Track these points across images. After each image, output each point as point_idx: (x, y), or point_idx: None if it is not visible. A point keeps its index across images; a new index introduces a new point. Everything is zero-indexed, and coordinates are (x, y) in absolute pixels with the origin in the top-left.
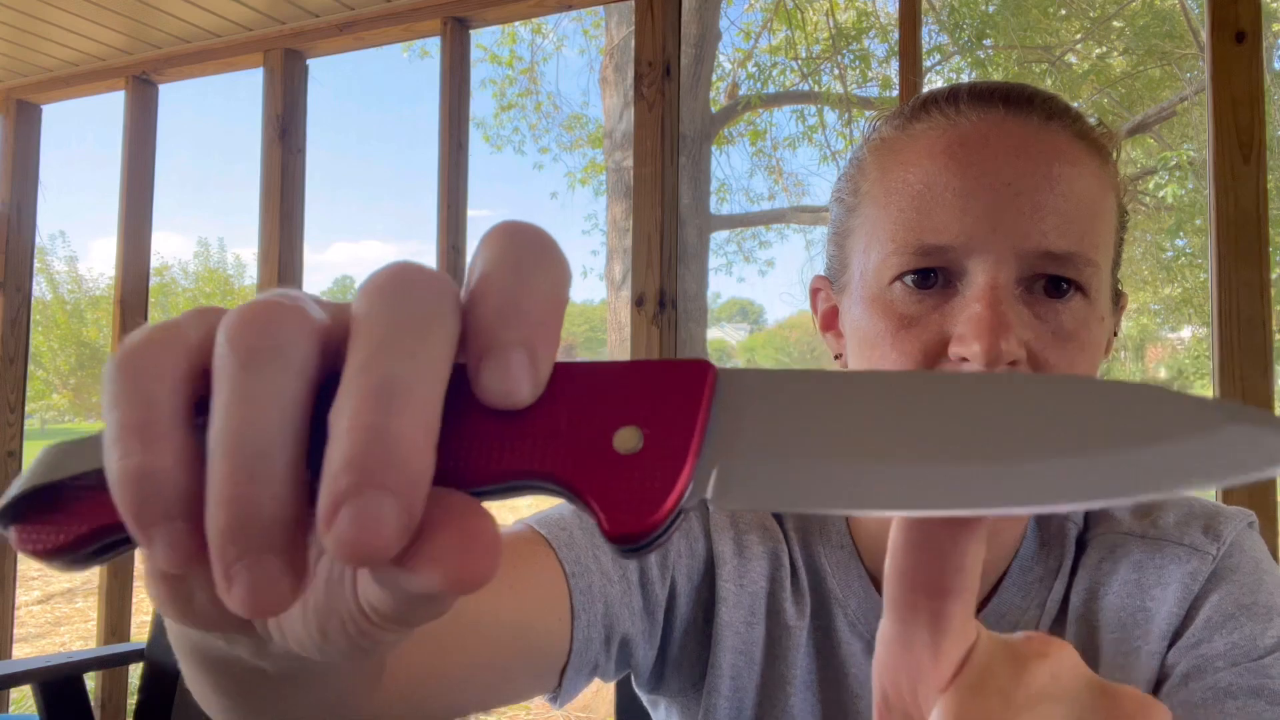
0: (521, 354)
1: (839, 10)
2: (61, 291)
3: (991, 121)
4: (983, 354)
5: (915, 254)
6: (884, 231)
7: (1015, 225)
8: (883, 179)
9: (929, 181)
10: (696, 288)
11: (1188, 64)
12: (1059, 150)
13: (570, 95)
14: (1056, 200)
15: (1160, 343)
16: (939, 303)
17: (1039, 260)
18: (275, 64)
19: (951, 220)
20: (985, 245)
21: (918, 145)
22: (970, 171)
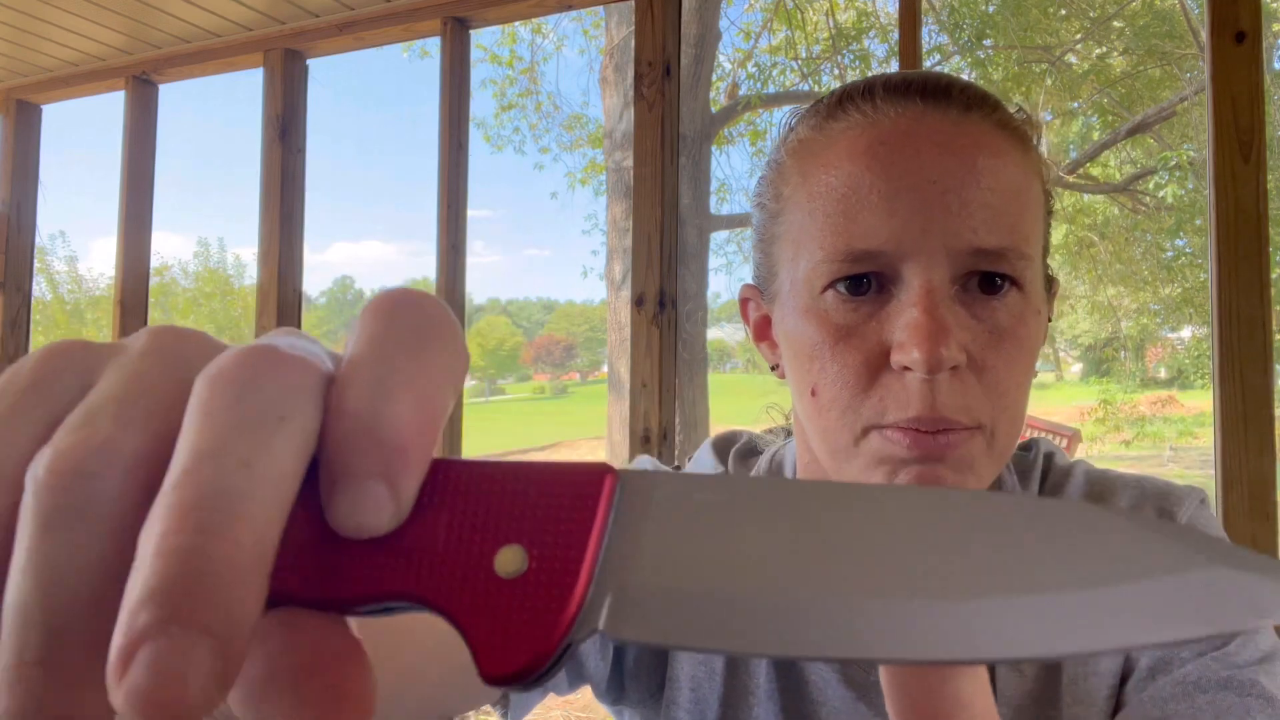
0: (379, 486)
1: (839, 10)
2: (61, 291)
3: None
4: (923, 362)
5: (845, 260)
6: (811, 238)
7: (945, 224)
8: (804, 183)
9: (852, 184)
10: (696, 288)
11: (1188, 64)
12: (981, 143)
13: (570, 95)
14: (984, 194)
15: (1160, 343)
16: (874, 310)
17: (971, 258)
18: (275, 64)
19: (879, 224)
20: (917, 247)
21: (837, 146)
22: (894, 171)
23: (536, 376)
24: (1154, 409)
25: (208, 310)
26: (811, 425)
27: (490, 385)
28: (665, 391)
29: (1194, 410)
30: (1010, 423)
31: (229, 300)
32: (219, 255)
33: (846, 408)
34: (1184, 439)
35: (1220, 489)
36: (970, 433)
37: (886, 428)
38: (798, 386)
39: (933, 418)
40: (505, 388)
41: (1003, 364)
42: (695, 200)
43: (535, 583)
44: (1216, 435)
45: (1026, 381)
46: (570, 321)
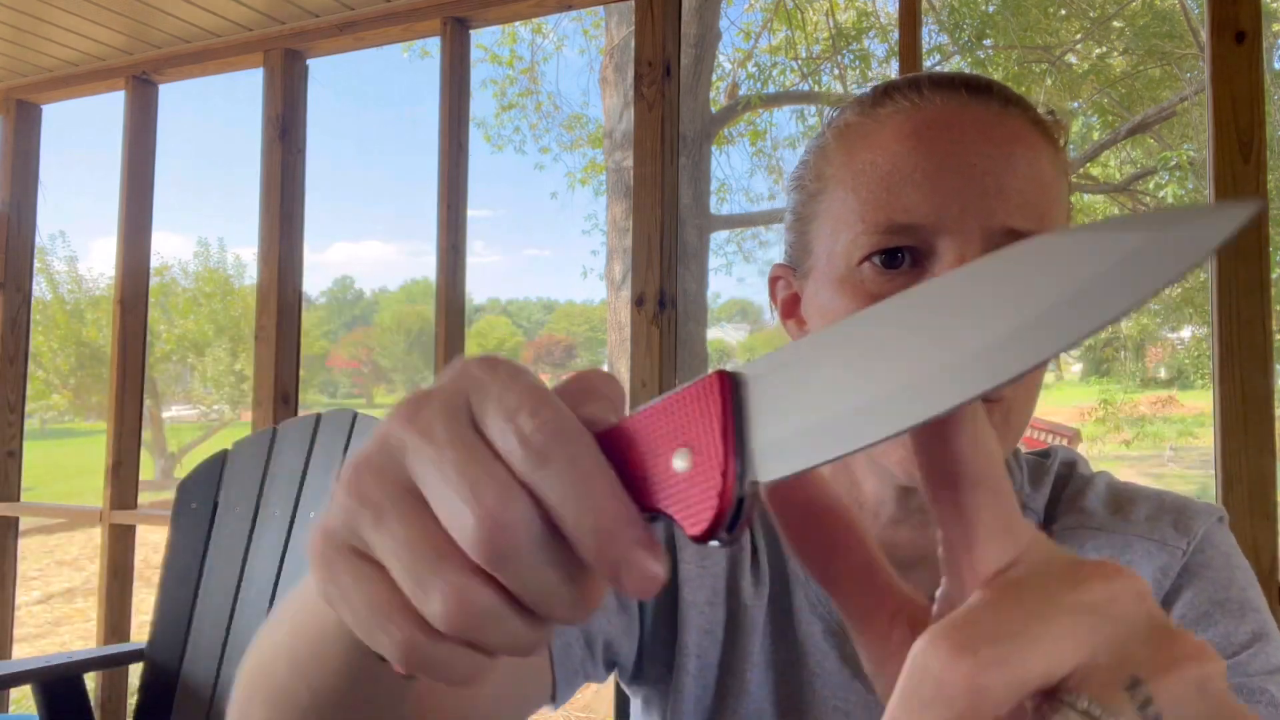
0: (629, 570)
1: (839, 10)
2: (61, 291)
3: (955, 105)
4: None
5: (885, 233)
6: (852, 213)
7: (982, 204)
8: (849, 162)
9: (897, 163)
10: (696, 288)
11: (1188, 64)
12: (1019, 134)
13: (570, 95)
14: (1018, 181)
15: (1160, 343)
16: (908, 282)
17: (1003, 238)
18: (275, 64)
19: (921, 199)
20: (954, 224)
21: (884, 129)
22: (937, 152)
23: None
24: (1154, 409)
25: (208, 310)
26: None
27: None
28: (665, 391)
29: (1194, 410)
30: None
31: (229, 300)
32: (219, 255)
33: None
34: (1184, 439)
35: (1220, 489)
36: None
37: None
38: None
39: None
40: None
41: None
42: (695, 200)
43: (701, 468)
44: (1216, 435)
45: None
46: (570, 321)
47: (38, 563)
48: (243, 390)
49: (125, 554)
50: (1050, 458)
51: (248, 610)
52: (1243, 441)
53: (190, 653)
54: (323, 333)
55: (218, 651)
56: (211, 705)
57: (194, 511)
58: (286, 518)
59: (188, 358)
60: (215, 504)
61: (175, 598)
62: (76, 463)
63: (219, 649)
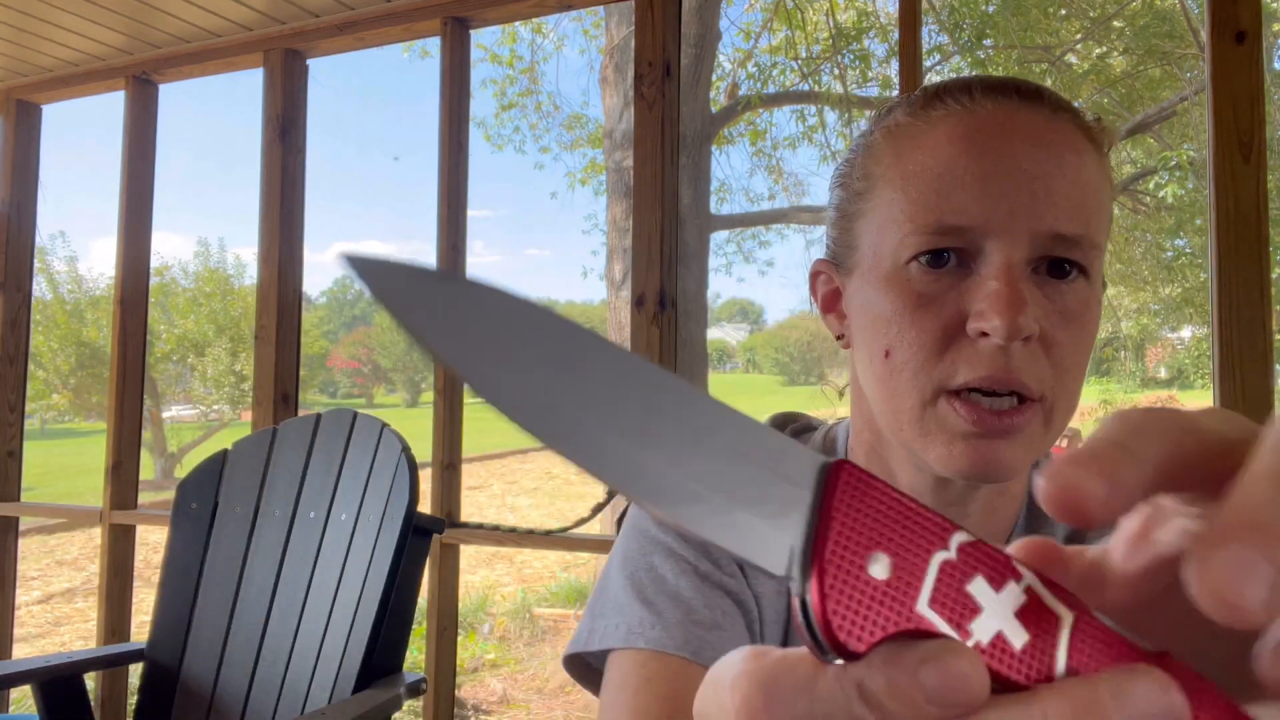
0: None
1: (839, 10)
2: (61, 291)
3: (1007, 111)
4: (1003, 328)
5: (934, 234)
6: (901, 213)
7: (1030, 208)
8: (898, 163)
9: (948, 165)
10: (696, 288)
11: (1188, 64)
12: (1069, 140)
13: (570, 95)
14: (1067, 186)
15: (1160, 343)
16: (955, 282)
17: (1050, 242)
18: (275, 64)
19: (971, 202)
20: (1003, 227)
21: (936, 131)
22: (989, 157)
23: None
24: None
25: (208, 310)
26: (881, 388)
27: None
28: None
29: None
30: (1068, 401)
31: (229, 300)
32: (219, 255)
33: (920, 369)
34: None
35: None
36: (1032, 408)
37: (956, 392)
38: (870, 350)
39: (1004, 378)
40: None
41: (1070, 342)
42: (695, 200)
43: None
44: None
45: (1085, 364)
46: None
47: (38, 563)
48: (243, 390)
49: (125, 554)
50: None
51: (248, 610)
52: None
53: (190, 653)
54: (323, 333)
55: (218, 651)
56: (211, 705)
57: (194, 511)
58: (286, 518)
59: (188, 358)
60: (215, 504)
61: (175, 598)
62: (76, 463)
63: (219, 649)
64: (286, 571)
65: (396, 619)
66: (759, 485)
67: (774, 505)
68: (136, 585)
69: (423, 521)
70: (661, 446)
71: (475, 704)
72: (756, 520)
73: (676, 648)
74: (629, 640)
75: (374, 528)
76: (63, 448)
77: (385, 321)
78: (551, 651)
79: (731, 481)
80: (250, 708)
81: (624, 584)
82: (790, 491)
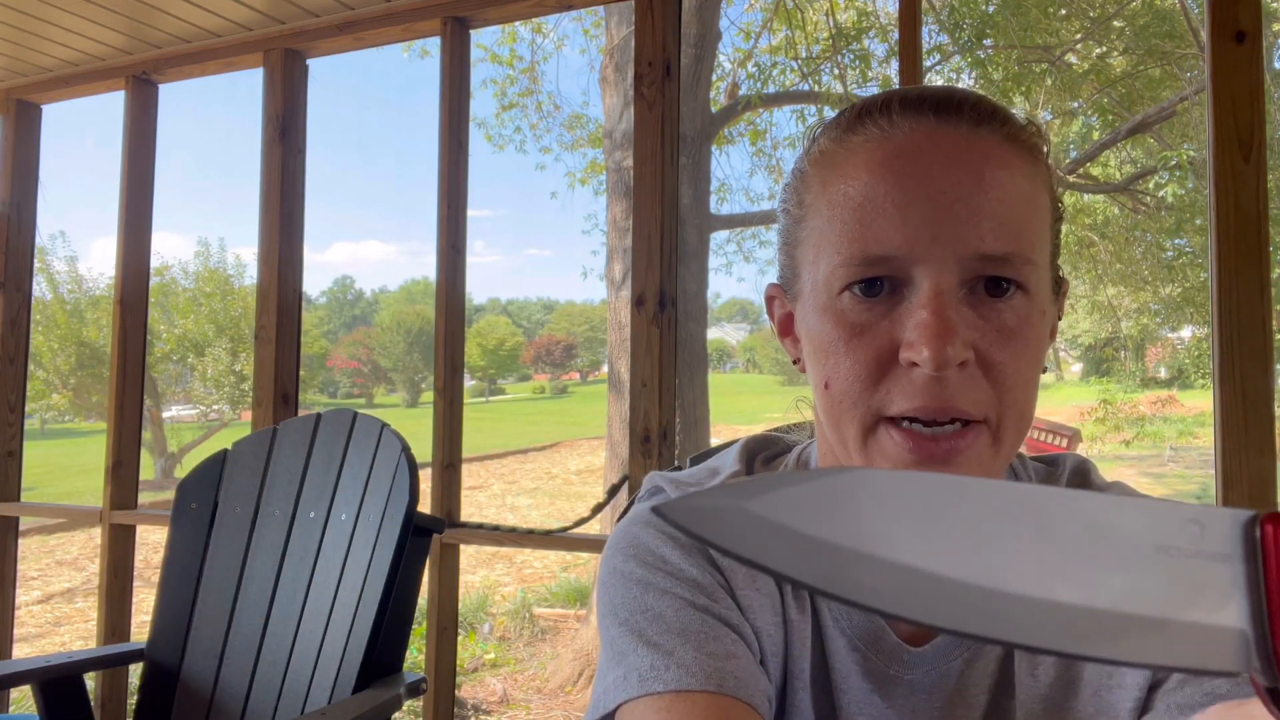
0: None
1: (839, 10)
2: (61, 291)
3: (923, 132)
4: (932, 359)
5: (861, 265)
6: (830, 243)
7: (954, 232)
8: (824, 191)
9: (868, 194)
10: (696, 288)
11: (1188, 64)
12: (989, 155)
13: (570, 95)
14: (991, 204)
15: (1160, 343)
16: (887, 310)
17: (978, 263)
18: (275, 64)
19: (893, 231)
20: (927, 253)
21: (856, 158)
22: (907, 183)
23: (536, 376)
24: (1154, 409)
25: (208, 310)
26: (826, 418)
27: (490, 385)
28: (665, 391)
29: (1194, 410)
30: (1017, 419)
31: (229, 300)
32: (219, 255)
33: (857, 399)
34: (1184, 439)
35: (1220, 489)
36: (976, 430)
37: (893, 420)
38: (815, 380)
39: (940, 407)
40: (505, 388)
41: (1009, 360)
42: (695, 200)
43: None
44: (1216, 435)
45: (1033, 379)
46: (570, 321)
47: (38, 563)
48: (243, 390)
49: (125, 554)
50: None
51: (248, 610)
52: (1243, 441)
53: (190, 652)
54: (323, 333)
55: (218, 651)
56: (211, 705)
57: (194, 511)
58: (286, 518)
59: (188, 358)
60: (215, 504)
61: (175, 598)
62: (76, 463)
63: (219, 649)
64: (286, 571)
65: (396, 619)
66: (1185, 580)
67: (1208, 597)
68: (136, 585)
69: (423, 521)
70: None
71: (475, 704)
72: (1194, 624)
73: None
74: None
75: (374, 528)
76: (63, 448)
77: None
78: (551, 651)
79: (1155, 590)
80: (250, 708)
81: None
82: (1218, 571)
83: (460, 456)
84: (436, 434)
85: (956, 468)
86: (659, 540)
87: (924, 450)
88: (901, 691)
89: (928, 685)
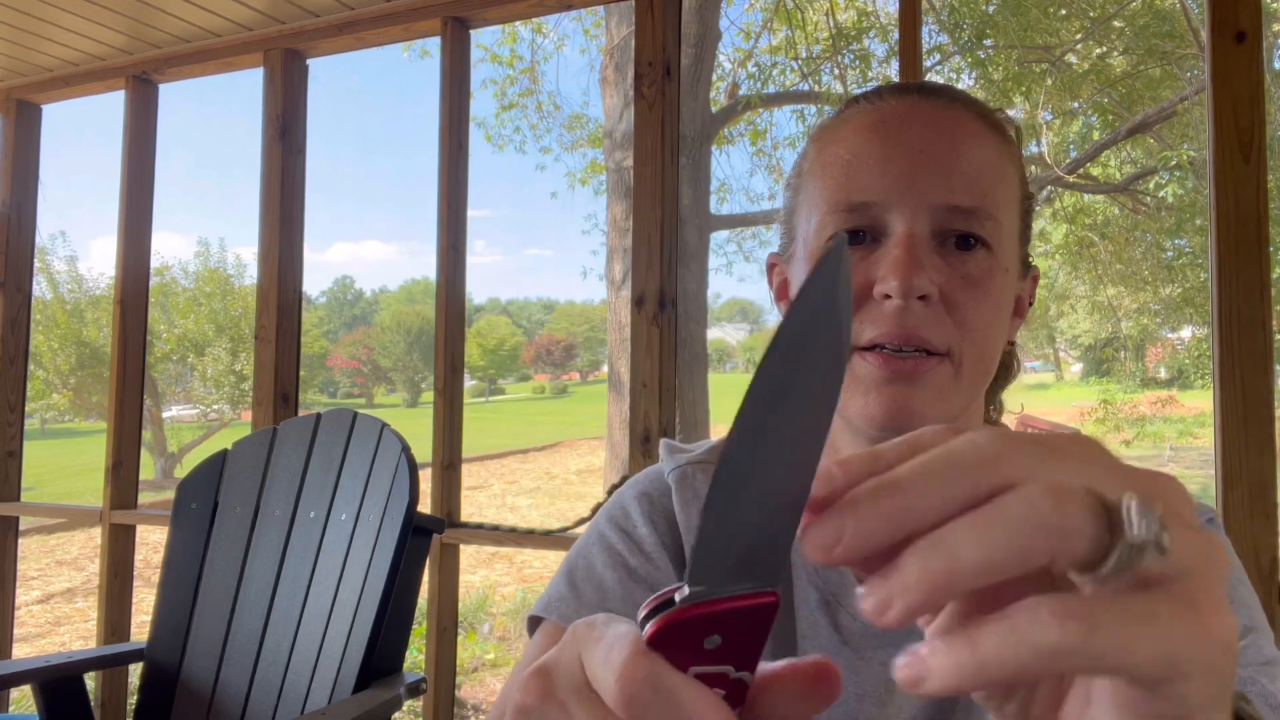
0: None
1: (839, 10)
2: (61, 291)
3: (907, 104)
4: (899, 287)
5: (845, 212)
6: (821, 197)
7: (927, 183)
8: (819, 157)
9: (856, 152)
10: (696, 288)
11: (1188, 64)
12: (962, 124)
13: (570, 95)
14: (961, 164)
15: (1160, 343)
16: (866, 254)
17: (948, 214)
18: (275, 64)
19: (873, 181)
20: (902, 201)
21: (848, 126)
22: (889, 142)
23: (536, 376)
24: (1154, 409)
25: (208, 310)
26: None
27: (490, 385)
28: (665, 391)
29: (1194, 410)
30: (977, 357)
31: (229, 300)
32: (219, 255)
33: None
34: (1184, 439)
35: (1220, 489)
36: (939, 360)
37: (866, 348)
38: None
39: (903, 334)
40: (505, 388)
41: (971, 303)
42: (695, 200)
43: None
44: (1216, 435)
45: (994, 325)
46: (570, 321)
47: (38, 563)
48: (243, 390)
49: (125, 554)
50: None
51: (248, 610)
52: (1243, 441)
53: (190, 652)
54: (323, 333)
55: (218, 651)
56: (211, 705)
57: (194, 511)
58: (286, 518)
59: (188, 358)
60: (215, 504)
61: (175, 598)
62: (76, 463)
63: (219, 649)
64: (286, 571)
65: (396, 619)
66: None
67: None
68: (136, 585)
69: (423, 521)
70: None
71: (475, 704)
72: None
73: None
74: (545, 611)
75: (374, 528)
76: (63, 448)
77: (385, 321)
78: None
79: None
80: (250, 708)
81: (563, 567)
82: None
83: (460, 456)
84: (436, 434)
85: (919, 389)
86: (633, 496)
87: (891, 367)
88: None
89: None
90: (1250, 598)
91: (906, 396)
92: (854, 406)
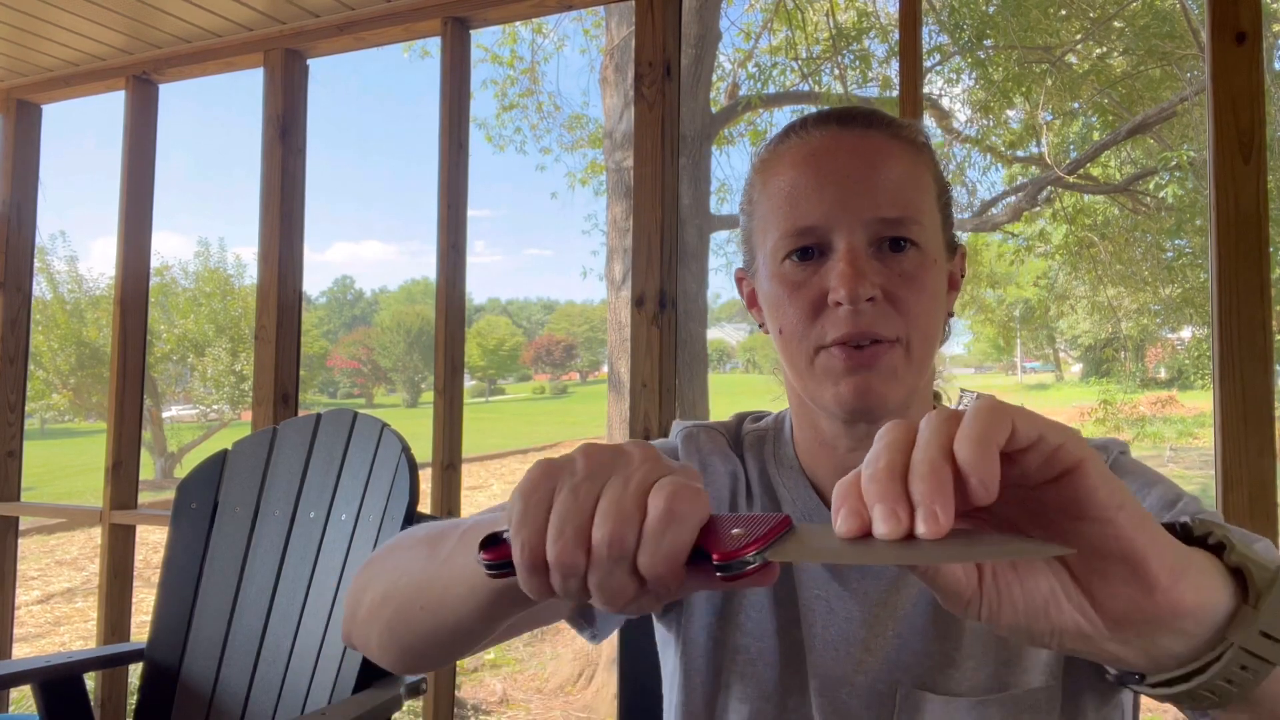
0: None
1: (839, 10)
2: (61, 291)
3: (830, 135)
4: (847, 295)
5: (794, 236)
6: (771, 224)
7: (858, 203)
8: (764, 187)
9: (794, 183)
10: (696, 288)
11: (1188, 64)
12: (878, 148)
13: (571, 95)
14: (882, 182)
15: (1160, 343)
16: (817, 269)
17: (879, 225)
18: (275, 64)
19: (813, 208)
20: (839, 221)
21: (784, 160)
22: (820, 171)
23: (536, 376)
24: (1154, 409)
25: (208, 310)
26: (783, 356)
27: (490, 385)
28: (665, 391)
29: (1194, 410)
30: (922, 338)
31: (229, 300)
32: (219, 255)
33: (802, 336)
34: (1184, 439)
35: (1220, 489)
36: (891, 345)
37: (829, 346)
38: (772, 330)
39: (858, 332)
40: (505, 388)
41: (911, 296)
42: (695, 200)
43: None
44: (1216, 435)
45: (933, 308)
46: (570, 321)
47: (38, 563)
48: (243, 390)
49: (125, 554)
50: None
51: (248, 610)
52: (1243, 442)
53: (190, 652)
54: (323, 333)
55: (218, 651)
56: (211, 705)
57: (194, 511)
58: (286, 518)
59: (188, 358)
60: (215, 504)
61: (175, 598)
62: (76, 463)
63: (219, 649)
64: (286, 571)
65: None
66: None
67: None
68: (136, 585)
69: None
70: None
71: (475, 704)
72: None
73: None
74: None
75: (374, 528)
76: (63, 448)
77: (385, 321)
78: (551, 652)
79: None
80: (250, 708)
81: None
82: None
83: (460, 456)
84: (436, 434)
85: (878, 373)
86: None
87: (853, 360)
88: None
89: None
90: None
91: (868, 381)
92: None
